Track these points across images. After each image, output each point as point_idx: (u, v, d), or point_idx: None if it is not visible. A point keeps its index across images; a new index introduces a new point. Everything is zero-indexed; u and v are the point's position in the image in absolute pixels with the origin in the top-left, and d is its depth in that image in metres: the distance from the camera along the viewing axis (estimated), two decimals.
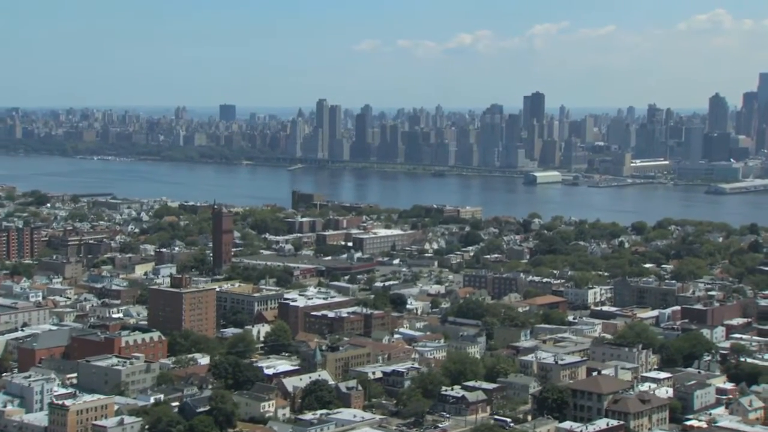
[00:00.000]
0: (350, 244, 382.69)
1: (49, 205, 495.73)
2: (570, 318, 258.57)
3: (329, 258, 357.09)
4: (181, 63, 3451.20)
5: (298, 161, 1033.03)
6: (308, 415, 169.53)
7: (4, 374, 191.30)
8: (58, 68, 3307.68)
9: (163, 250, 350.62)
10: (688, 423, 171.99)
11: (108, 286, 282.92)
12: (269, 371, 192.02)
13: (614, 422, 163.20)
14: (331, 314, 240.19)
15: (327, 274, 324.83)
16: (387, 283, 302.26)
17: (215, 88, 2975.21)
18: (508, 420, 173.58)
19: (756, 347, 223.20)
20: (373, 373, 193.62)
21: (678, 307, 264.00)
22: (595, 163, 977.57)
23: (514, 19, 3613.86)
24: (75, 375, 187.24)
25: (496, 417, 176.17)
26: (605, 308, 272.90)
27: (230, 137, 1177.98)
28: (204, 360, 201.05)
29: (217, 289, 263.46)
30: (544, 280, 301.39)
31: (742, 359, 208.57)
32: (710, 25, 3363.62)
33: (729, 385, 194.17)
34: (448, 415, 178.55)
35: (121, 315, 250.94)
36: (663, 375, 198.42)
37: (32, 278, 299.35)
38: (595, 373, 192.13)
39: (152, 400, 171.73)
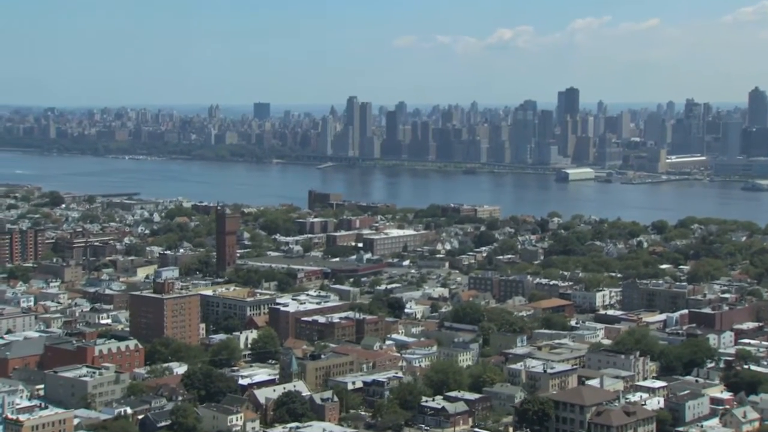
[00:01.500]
0: (361, 245, 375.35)
1: (63, 206, 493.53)
2: (572, 322, 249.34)
3: (337, 259, 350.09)
4: (217, 61, 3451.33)
5: (329, 159, 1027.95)
6: (278, 429, 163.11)
7: None
8: (95, 68, 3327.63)
9: (168, 252, 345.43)
10: None
11: (102, 290, 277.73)
12: (244, 381, 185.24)
13: None
14: (322, 320, 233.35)
15: (332, 276, 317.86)
16: (389, 286, 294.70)
17: (251, 86, 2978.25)
18: None
19: (763, 353, 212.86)
20: (353, 383, 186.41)
21: (686, 311, 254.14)
22: (630, 160, 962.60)
23: (556, 14, 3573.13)
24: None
25: (476, 429, 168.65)
26: (610, 312, 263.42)
27: (261, 136, 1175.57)
28: (181, 369, 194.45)
29: (210, 294, 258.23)
30: (552, 282, 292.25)
31: (746, 367, 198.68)
32: (757, 17, 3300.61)
33: (726, 395, 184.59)
34: (427, 428, 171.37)
35: (109, 321, 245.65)
36: (658, 384, 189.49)
37: (29, 282, 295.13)
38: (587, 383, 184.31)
39: (117, 414, 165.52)
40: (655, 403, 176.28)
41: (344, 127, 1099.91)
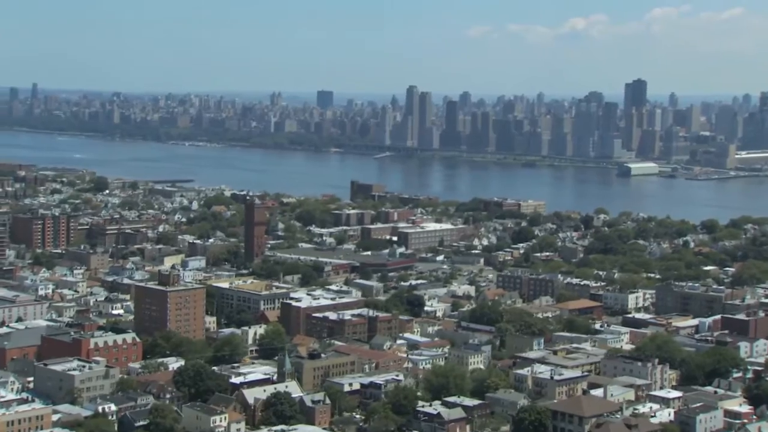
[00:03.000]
0: (395, 238, 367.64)
1: (107, 191, 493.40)
2: (597, 325, 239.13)
3: (369, 253, 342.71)
4: (284, 48, 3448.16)
5: (387, 149, 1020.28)
6: (263, 431, 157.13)
7: None
8: (163, 54, 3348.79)
9: (198, 241, 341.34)
10: None
11: (120, 279, 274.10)
12: (237, 380, 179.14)
13: None
14: (333, 316, 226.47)
15: (360, 270, 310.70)
16: (413, 282, 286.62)
17: (316, 74, 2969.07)
18: None
19: None
20: (350, 384, 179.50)
21: (719, 316, 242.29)
22: (697, 155, 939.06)
23: (632, 2, 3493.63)
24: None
25: None
26: (639, 316, 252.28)
27: (321, 124, 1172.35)
28: (178, 365, 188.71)
29: (225, 287, 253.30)
30: (583, 282, 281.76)
31: None
32: None
33: (745, 408, 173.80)
34: None
35: (122, 311, 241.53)
36: (673, 394, 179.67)
37: (53, 269, 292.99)
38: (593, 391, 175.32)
39: (100, 410, 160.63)
40: (666, 415, 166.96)
41: (403, 117, 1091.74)
